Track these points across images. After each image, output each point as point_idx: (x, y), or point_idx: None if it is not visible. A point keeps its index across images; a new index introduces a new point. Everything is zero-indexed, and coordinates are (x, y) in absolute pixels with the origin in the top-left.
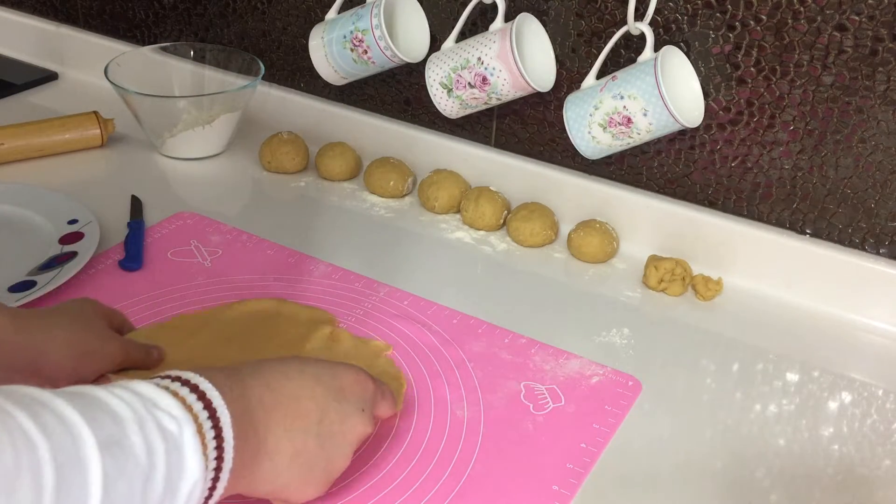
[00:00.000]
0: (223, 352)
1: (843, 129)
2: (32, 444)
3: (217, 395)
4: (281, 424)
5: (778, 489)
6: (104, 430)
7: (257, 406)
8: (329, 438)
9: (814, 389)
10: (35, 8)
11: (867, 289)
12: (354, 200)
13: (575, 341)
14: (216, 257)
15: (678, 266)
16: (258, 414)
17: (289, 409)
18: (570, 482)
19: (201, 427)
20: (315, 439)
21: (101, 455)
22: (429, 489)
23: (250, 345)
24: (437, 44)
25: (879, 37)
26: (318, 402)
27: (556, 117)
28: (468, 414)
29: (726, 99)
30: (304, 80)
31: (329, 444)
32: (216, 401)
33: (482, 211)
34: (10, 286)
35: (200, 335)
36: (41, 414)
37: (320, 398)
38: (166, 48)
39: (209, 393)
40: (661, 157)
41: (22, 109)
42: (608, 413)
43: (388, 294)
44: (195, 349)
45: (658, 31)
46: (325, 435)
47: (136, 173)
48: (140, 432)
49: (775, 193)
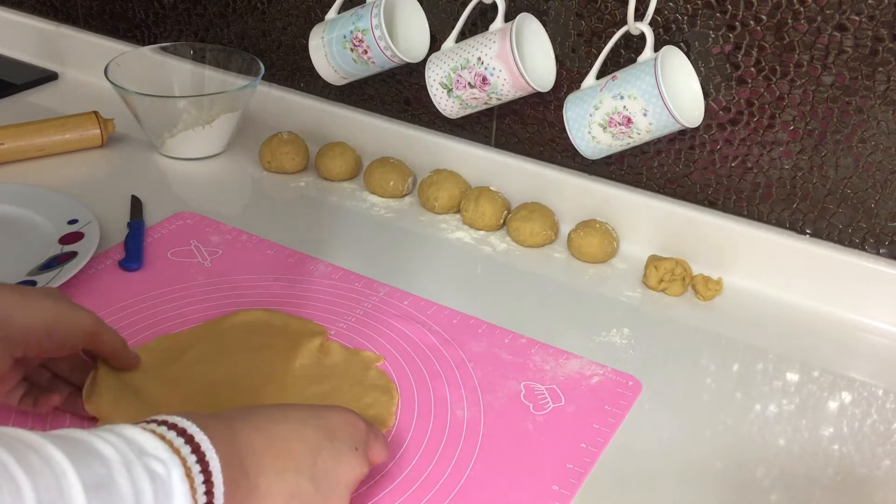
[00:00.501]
0: (214, 367)
1: (843, 129)
2: (17, 484)
3: (205, 438)
4: (272, 467)
5: (778, 489)
6: (91, 472)
7: (246, 449)
8: (324, 479)
9: (814, 389)
10: (35, 8)
11: (867, 289)
12: (354, 200)
13: (575, 341)
14: (216, 257)
15: (678, 266)
16: (248, 457)
17: (280, 450)
18: (570, 482)
19: (190, 471)
20: (309, 481)
21: (86, 497)
22: (429, 489)
23: (241, 359)
24: (437, 44)
25: (879, 37)
26: (309, 443)
27: (556, 117)
28: (468, 414)
29: (726, 99)
30: (304, 80)
31: (324, 485)
32: (204, 444)
33: (482, 211)
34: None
35: (192, 351)
36: (27, 455)
37: (311, 439)
38: (166, 48)
39: (197, 437)
40: (661, 157)
41: (22, 109)
42: (608, 413)
43: (388, 294)
44: (187, 367)
45: (658, 31)
46: (320, 476)
47: (136, 173)
48: (127, 475)
49: (775, 193)
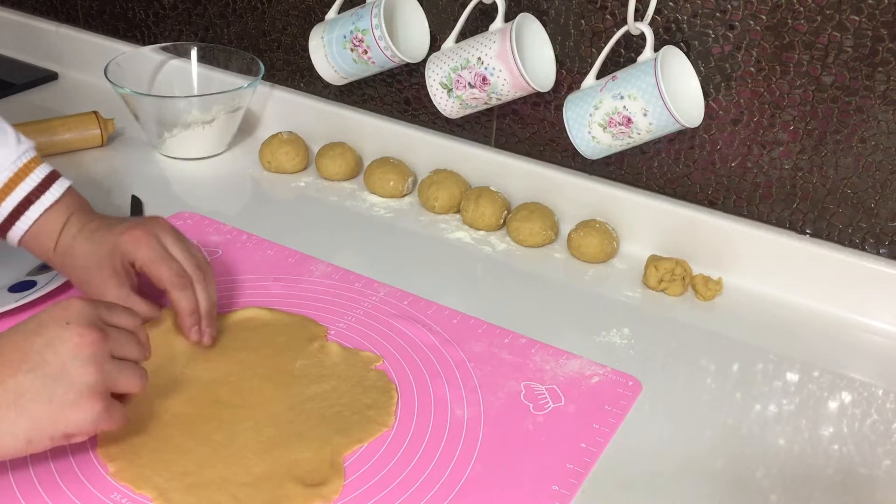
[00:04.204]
0: (214, 366)
1: (843, 129)
2: None
3: None
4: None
5: (778, 489)
6: None
7: None
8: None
9: (814, 389)
10: (35, 8)
11: (867, 289)
12: (354, 200)
13: (575, 341)
14: (216, 257)
15: (678, 266)
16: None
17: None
18: (570, 482)
19: None
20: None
21: None
22: (429, 489)
23: (241, 358)
24: (437, 44)
25: (879, 37)
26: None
27: (556, 117)
28: (468, 414)
29: (726, 99)
30: (304, 80)
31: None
32: None
33: (482, 211)
34: (10, 286)
35: (192, 350)
36: None
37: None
38: (166, 48)
39: None
40: (661, 157)
41: (22, 109)
42: (608, 413)
43: (388, 294)
44: (187, 365)
45: (658, 31)
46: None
47: (136, 173)
48: None
49: (775, 193)
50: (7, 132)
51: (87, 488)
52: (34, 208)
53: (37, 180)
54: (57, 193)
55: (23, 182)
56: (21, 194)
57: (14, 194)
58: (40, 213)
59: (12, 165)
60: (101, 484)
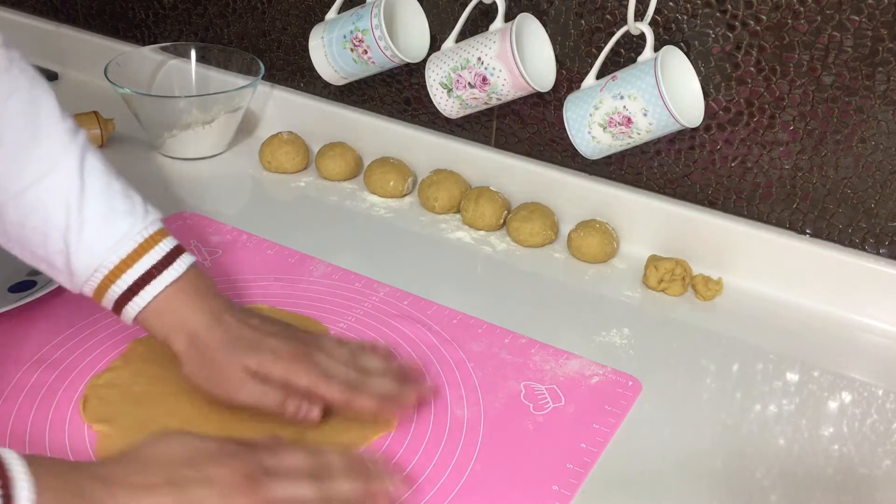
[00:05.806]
0: None
1: (843, 129)
2: None
3: (19, 463)
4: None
5: (778, 489)
6: None
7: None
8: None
9: (814, 389)
10: (35, 8)
11: (867, 289)
12: (354, 200)
13: (575, 341)
14: (216, 257)
15: (678, 266)
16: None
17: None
18: (570, 482)
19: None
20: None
21: None
22: (429, 489)
23: None
24: (437, 44)
25: (879, 37)
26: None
27: (556, 117)
28: (468, 414)
29: (726, 99)
30: (304, 80)
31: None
32: (14, 469)
33: (482, 211)
34: (9, 286)
35: None
36: None
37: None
38: (166, 48)
39: (9, 462)
40: (661, 157)
41: None
42: (608, 413)
43: (388, 294)
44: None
45: (658, 31)
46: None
47: (136, 173)
48: None
49: (775, 193)
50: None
51: None
52: (155, 283)
53: (161, 253)
54: (181, 269)
55: (146, 254)
56: (144, 267)
57: (137, 266)
58: (161, 288)
59: (137, 236)
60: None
